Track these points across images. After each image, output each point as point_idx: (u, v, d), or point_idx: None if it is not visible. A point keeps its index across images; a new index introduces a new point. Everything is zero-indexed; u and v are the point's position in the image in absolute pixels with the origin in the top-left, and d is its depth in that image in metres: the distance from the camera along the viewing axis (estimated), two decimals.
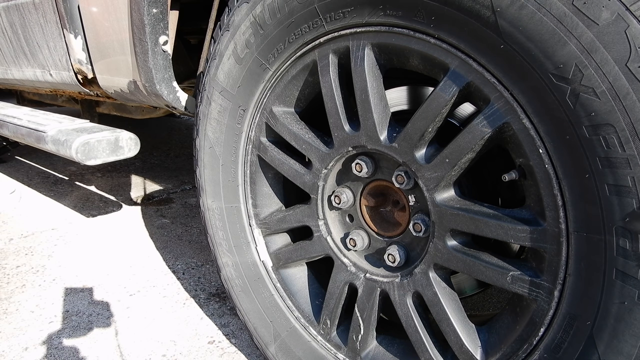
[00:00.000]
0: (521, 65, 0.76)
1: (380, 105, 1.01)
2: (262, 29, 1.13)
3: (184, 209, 2.95)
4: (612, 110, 0.68)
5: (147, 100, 1.65)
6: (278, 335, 1.34)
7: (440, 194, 0.96)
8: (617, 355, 0.75)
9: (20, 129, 2.10)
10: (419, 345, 1.05)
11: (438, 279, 1.01)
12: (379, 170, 1.10)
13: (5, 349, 1.63)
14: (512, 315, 0.94)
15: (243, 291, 1.40)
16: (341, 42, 1.03)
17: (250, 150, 1.30)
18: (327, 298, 1.23)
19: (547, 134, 0.77)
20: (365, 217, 1.16)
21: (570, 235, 0.78)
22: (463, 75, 0.85)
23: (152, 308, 1.86)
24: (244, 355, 1.58)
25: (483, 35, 0.79)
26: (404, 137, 0.97)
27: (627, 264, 0.72)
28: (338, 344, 1.23)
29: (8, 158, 4.13)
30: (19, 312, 1.85)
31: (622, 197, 0.70)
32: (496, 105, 0.82)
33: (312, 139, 1.16)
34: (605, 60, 0.67)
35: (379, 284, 1.11)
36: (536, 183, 0.81)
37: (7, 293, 1.99)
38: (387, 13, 0.91)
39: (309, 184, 1.19)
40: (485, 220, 0.89)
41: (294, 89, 1.19)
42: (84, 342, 1.66)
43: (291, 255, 1.30)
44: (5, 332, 1.72)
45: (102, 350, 1.62)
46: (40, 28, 1.92)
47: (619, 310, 0.74)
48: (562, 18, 0.70)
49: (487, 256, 0.93)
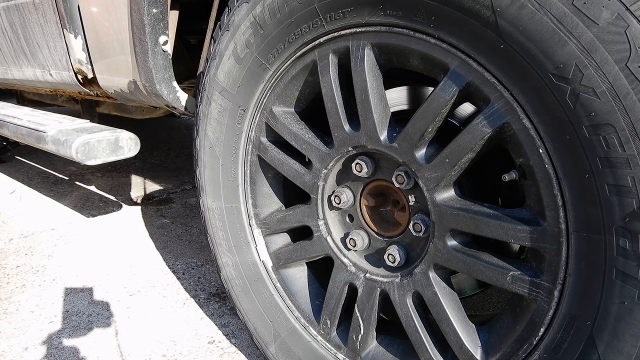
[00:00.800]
0: (521, 65, 0.76)
1: (380, 105, 1.01)
2: (262, 29, 1.13)
3: (184, 209, 2.95)
4: (612, 110, 0.68)
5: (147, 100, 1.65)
6: (278, 335, 1.34)
7: (440, 194, 0.96)
8: (617, 355, 0.75)
9: (21, 129, 2.10)
10: (419, 345, 1.05)
11: (438, 279, 1.01)
12: (379, 170, 1.10)
13: (5, 348, 1.63)
14: (512, 315, 0.94)
15: (243, 291, 1.40)
16: (341, 42, 1.03)
17: (250, 150, 1.30)
18: (327, 298, 1.23)
19: (547, 134, 0.77)
20: (365, 217, 1.16)
21: (570, 235, 0.78)
22: (463, 75, 0.85)
23: (152, 308, 1.86)
24: (244, 355, 1.58)
25: (483, 35, 0.79)
26: (404, 137, 0.97)
27: (627, 264, 0.72)
28: (338, 344, 1.23)
29: (8, 158, 4.13)
30: (19, 312, 1.85)
31: (622, 197, 0.70)
32: (496, 105, 0.82)
33: (312, 139, 1.16)
34: (605, 60, 0.67)
35: (379, 284, 1.11)
36: (536, 183, 0.81)
37: (7, 293, 1.99)
38: (387, 13, 0.91)
39: (309, 184, 1.19)
40: (485, 220, 0.89)
41: (294, 89, 1.19)
42: (84, 342, 1.66)
43: (291, 255, 1.30)
44: (5, 332, 1.72)
45: (102, 350, 1.62)
46: (40, 28, 1.92)
47: (619, 310, 0.74)
48: (562, 18, 0.70)
49: (487, 256, 0.93)
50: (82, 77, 1.88)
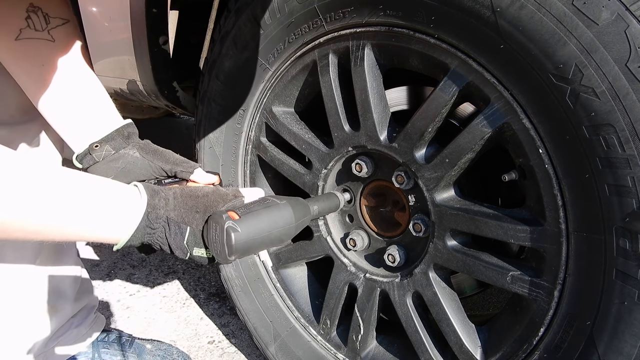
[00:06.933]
0: (521, 65, 0.76)
1: (380, 105, 1.01)
2: (262, 29, 1.13)
3: None
4: (612, 110, 0.68)
5: (147, 100, 1.65)
6: (278, 335, 1.34)
7: (440, 194, 0.96)
8: (617, 355, 0.76)
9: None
10: (419, 345, 1.05)
11: (438, 279, 1.01)
12: (379, 170, 1.10)
13: None
14: (512, 315, 0.94)
15: (243, 291, 1.40)
16: (341, 42, 1.03)
17: (250, 151, 1.30)
18: (327, 298, 1.23)
19: (547, 134, 0.77)
20: (365, 217, 1.16)
21: (570, 235, 0.78)
22: (463, 75, 0.85)
23: (152, 308, 1.86)
24: (244, 355, 1.59)
25: (483, 35, 0.79)
26: (404, 137, 0.97)
27: (627, 264, 0.72)
28: (338, 343, 1.23)
29: None
30: None
31: (622, 197, 0.70)
32: (496, 105, 0.82)
33: (312, 139, 1.16)
34: (605, 60, 0.67)
35: (379, 284, 1.11)
36: (536, 183, 0.81)
37: None
38: (387, 13, 0.91)
39: (309, 184, 1.19)
40: (485, 220, 0.89)
41: (294, 89, 1.19)
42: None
43: (291, 255, 1.30)
44: None
45: None
46: None
47: (619, 310, 0.74)
48: (562, 18, 0.70)
49: (487, 256, 0.93)
50: None
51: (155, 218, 0.78)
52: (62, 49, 1.03)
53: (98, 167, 1.04)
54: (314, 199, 1.02)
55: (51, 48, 1.02)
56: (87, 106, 1.07)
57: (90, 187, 0.75)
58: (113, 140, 1.05)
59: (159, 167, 1.05)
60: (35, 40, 0.99)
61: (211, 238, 0.79)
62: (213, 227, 0.78)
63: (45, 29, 1.00)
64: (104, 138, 1.05)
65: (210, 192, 0.84)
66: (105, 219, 0.75)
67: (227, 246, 0.76)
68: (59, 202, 0.70)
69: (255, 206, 0.83)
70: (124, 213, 0.77)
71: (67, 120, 1.06)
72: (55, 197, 0.70)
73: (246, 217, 0.79)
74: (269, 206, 0.84)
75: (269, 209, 0.83)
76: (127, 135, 1.07)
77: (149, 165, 1.05)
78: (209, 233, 0.79)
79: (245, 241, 0.78)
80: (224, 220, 0.77)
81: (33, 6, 0.98)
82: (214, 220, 0.78)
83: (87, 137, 1.05)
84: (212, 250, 0.80)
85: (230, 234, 0.76)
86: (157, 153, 1.07)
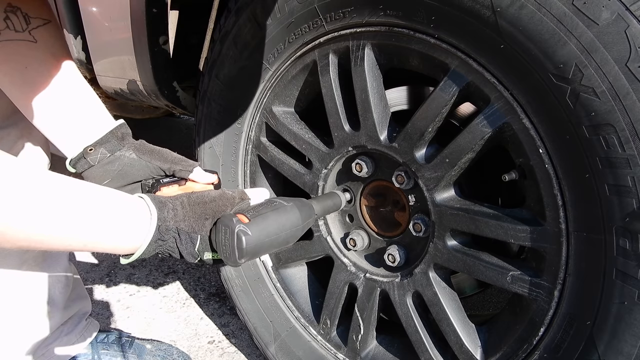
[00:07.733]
0: (521, 65, 0.76)
1: (380, 105, 1.01)
2: (262, 29, 1.13)
3: None
4: (612, 110, 0.68)
5: (147, 100, 1.65)
6: (278, 335, 1.34)
7: (440, 194, 0.96)
8: (617, 355, 0.76)
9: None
10: (419, 345, 1.05)
11: (438, 279, 1.01)
12: (379, 170, 1.10)
13: None
14: (512, 315, 0.95)
15: (243, 291, 1.40)
16: (341, 42, 1.03)
17: (250, 150, 1.30)
18: (327, 298, 1.23)
19: (547, 134, 0.77)
20: (365, 217, 1.16)
21: (570, 235, 0.78)
22: (463, 75, 0.85)
23: (152, 308, 1.86)
24: (244, 355, 1.59)
25: (483, 35, 0.79)
26: (404, 137, 0.97)
27: (627, 264, 0.72)
28: (338, 343, 1.23)
29: None
30: None
31: (622, 197, 0.70)
32: (496, 105, 0.82)
33: (312, 139, 1.16)
34: (605, 60, 0.67)
35: (379, 283, 1.11)
36: (536, 183, 0.81)
37: None
38: (387, 13, 0.91)
39: (309, 184, 1.19)
40: (485, 220, 0.89)
41: (294, 89, 1.19)
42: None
43: (291, 255, 1.30)
44: None
45: None
46: None
47: (619, 310, 0.74)
48: (562, 18, 0.70)
49: (487, 256, 0.93)
50: None
51: (165, 230, 0.76)
52: (45, 50, 0.98)
53: (93, 171, 1.01)
54: (316, 199, 1.02)
55: (34, 49, 0.96)
56: (77, 108, 1.03)
57: (101, 202, 0.73)
58: (107, 143, 1.01)
59: (157, 166, 1.02)
60: (16, 41, 0.94)
61: (220, 241, 0.78)
62: (222, 230, 0.77)
63: (26, 30, 0.95)
64: (98, 141, 1.01)
65: (217, 196, 0.83)
66: (116, 235, 0.73)
67: (238, 249, 0.76)
68: (68, 214, 0.68)
69: (264, 209, 0.82)
70: (135, 229, 0.74)
71: (56, 124, 1.02)
72: (65, 209, 0.68)
73: (256, 220, 0.79)
74: (277, 208, 0.83)
75: (277, 211, 0.83)
76: (121, 136, 1.04)
77: (147, 165, 1.02)
78: (218, 236, 0.78)
79: (255, 244, 0.77)
80: (234, 223, 0.76)
81: (11, 6, 0.93)
82: (223, 224, 0.77)
83: (79, 140, 1.01)
84: (221, 253, 0.78)
85: (241, 238, 0.75)
86: (154, 152, 1.04)
